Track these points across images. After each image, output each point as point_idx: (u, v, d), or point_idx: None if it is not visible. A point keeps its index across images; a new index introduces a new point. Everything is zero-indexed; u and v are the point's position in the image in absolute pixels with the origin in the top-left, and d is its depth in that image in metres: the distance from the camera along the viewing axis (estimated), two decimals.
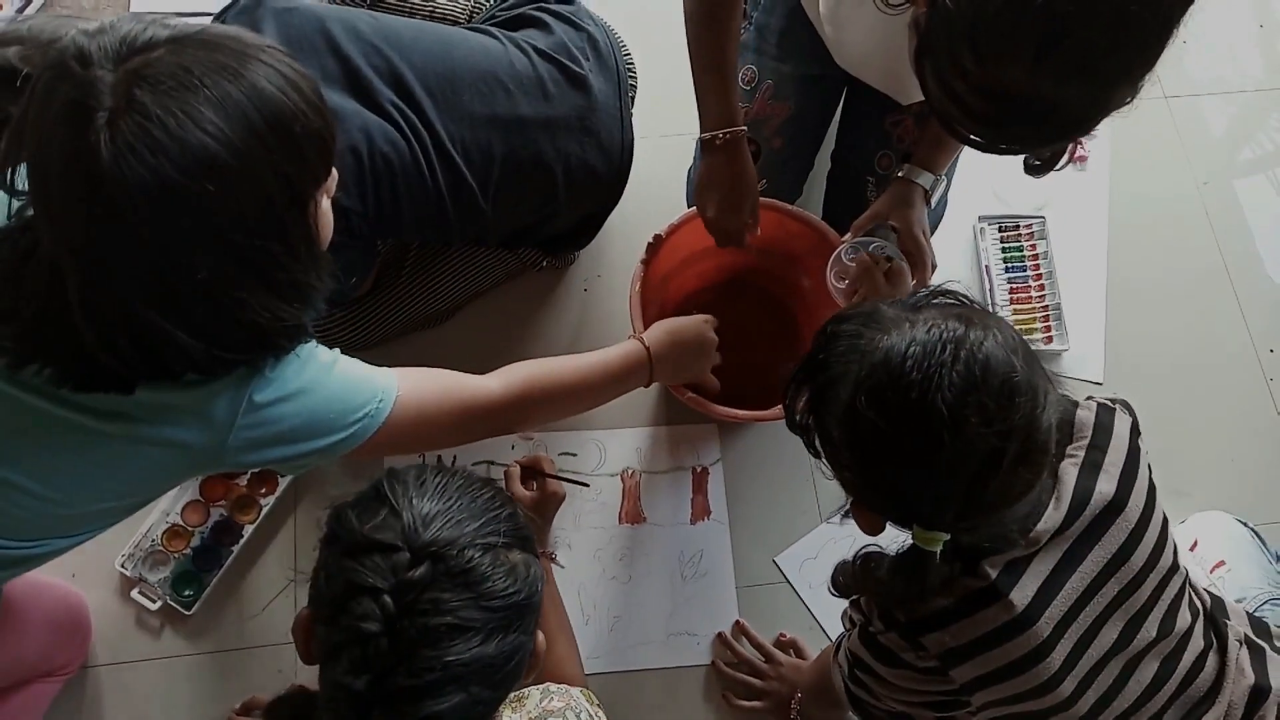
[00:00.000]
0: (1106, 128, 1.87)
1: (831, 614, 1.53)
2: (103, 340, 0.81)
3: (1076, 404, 1.02)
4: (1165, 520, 1.00)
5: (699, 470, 1.61)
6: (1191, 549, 1.53)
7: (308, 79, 0.83)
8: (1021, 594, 0.92)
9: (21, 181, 0.80)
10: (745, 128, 1.36)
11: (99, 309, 0.80)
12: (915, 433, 0.82)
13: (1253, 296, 1.79)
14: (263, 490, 1.52)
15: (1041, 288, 1.74)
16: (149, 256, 0.77)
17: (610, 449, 1.61)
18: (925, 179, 1.44)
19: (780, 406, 1.40)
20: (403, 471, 0.89)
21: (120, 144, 0.73)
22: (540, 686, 1.13)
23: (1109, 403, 1.03)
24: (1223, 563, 1.49)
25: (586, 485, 1.54)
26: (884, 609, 0.99)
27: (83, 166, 0.73)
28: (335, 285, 0.92)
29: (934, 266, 1.44)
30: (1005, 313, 1.72)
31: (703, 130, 1.37)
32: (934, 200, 1.47)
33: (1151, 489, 0.99)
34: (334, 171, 0.89)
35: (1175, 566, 1.01)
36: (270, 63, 0.80)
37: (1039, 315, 1.72)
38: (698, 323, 1.36)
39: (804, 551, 1.57)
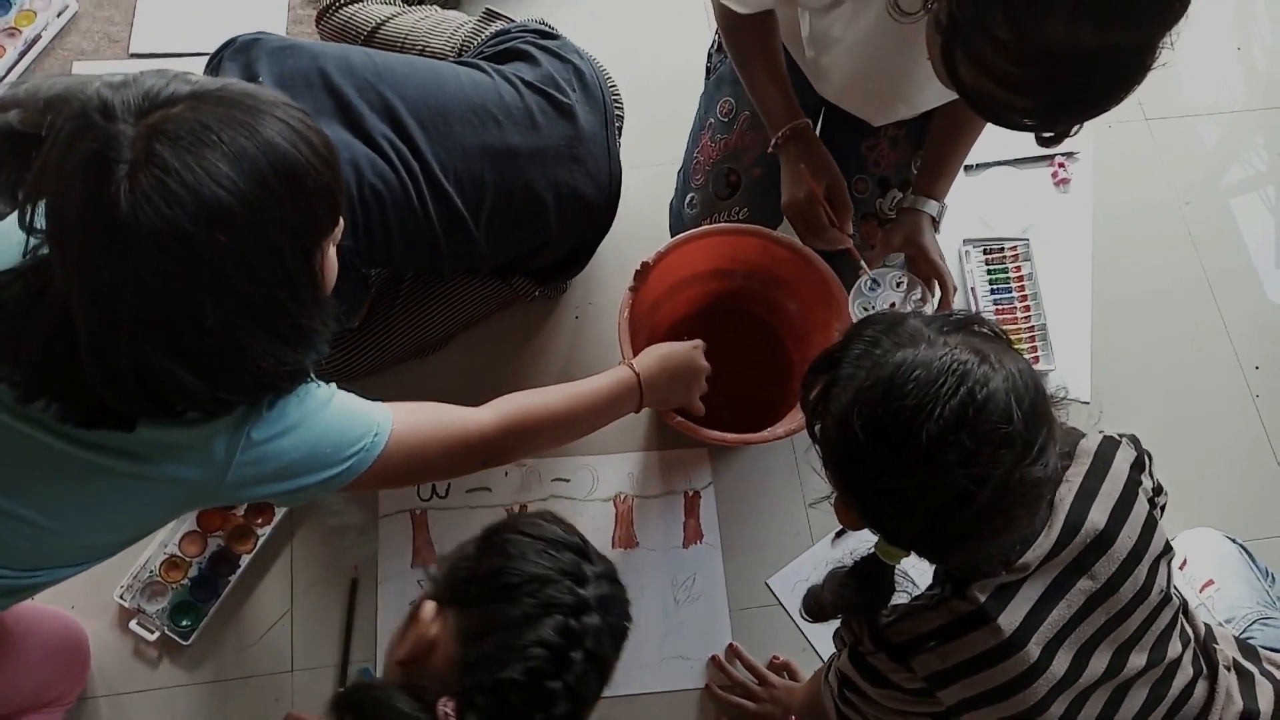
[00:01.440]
0: (1089, 149, 1.91)
1: (824, 636, 1.54)
2: (108, 380, 0.83)
3: (1084, 434, 1.03)
4: (1163, 554, 1.00)
5: (691, 494, 1.62)
6: (1181, 567, 1.54)
7: (320, 134, 0.87)
8: (1009, 619, 0.93)
9: (39, 221, 0.83)
10: (806, 120, 1.40)
11: (107, 349, 0.82)
12: (891, 454, 0.84)
13: (1237, 314, 1.81)
14: (259, 520, 1.53)
15: (1027, 309, 1.76)
16: (159, 302, 0.80)
17: (603, 474, 1.62)
18: (932, 207, 1.49)
19: (768, 430, 1.44)
20: (542, 513, 1.04)
21: (139, 195, 0.76)
22: None
23: (1115, 436, 1.04)
24: (1211, 581, 1.50)
25: None
26: (874, 630, 1.00)
27: (102, 215, 0.76)
28: (339, 328, 0.95)
29: (955, 288, 1.47)
30: None
31: (771, 136, 1.42)
32: (940, 222, 1.51)
33: (1149, 524, 0.99)
34: (341, 221, 0.92)
35: (1167, 599, 1.01)
36: (284, 118, 0.83)
37: (1025, 336, 1.74)
38: (687, 349, 1.38)
39: (796, 574, 1.58)
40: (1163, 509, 1.07)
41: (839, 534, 1.59)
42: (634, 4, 2.00)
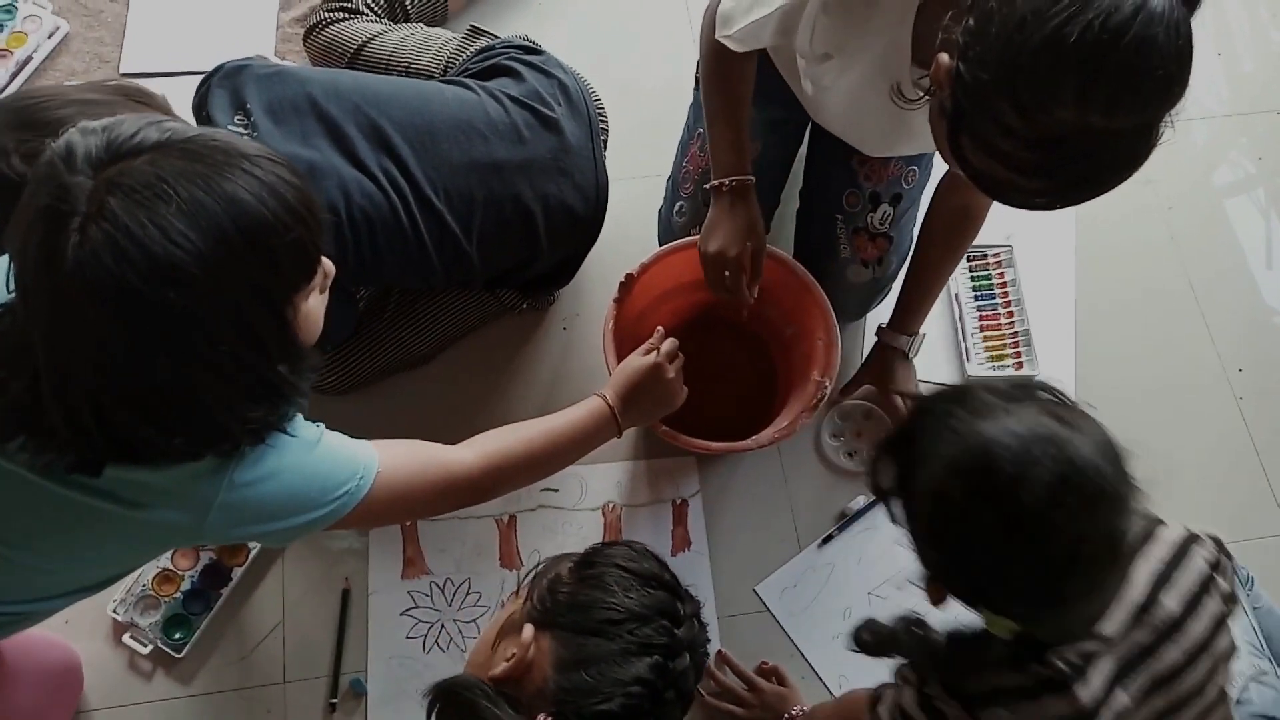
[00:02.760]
0: None
1: (812, 643, 1.55)
2: (72, 427, 0.83)
3: (1161, 522, 1.03)
4: (1227, 654, 1.01)
5: (679, 502, 1.64)
6: None
7: (296, 188, 0.85)
8: (1088, 691, 0.93)
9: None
10: (752, 178, 1.41)
11: (67, 398, 0.82)
12: (1000, 524, 0.85)
13: (1220, 317, 1.82)
14: None
15: (1010, 315, 1.77)
16: (110, 356, 0.79)
17: (591, 484, 1.64)
18: (903, 342, 1.57)
19: (752, 438, 1.45)
20: (635, 545, 1.09)
21: (86, 249, 0.75)
22: None
23: (1200, 534, 1.04)
24: None
25: None
26: (950, 679, 0.99)
27: (53, 267, 0.76)
28: (316, 379, 0.95)
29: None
30: (975, 340, 1.76)
31: (714, 177, 1.43)
32: (914, 352, 1.60)
33: (1219, 622, 0.99)
34: (322, 271, 0.91)
35: (1223, 697, 1.02)
36: (254, 172, 0.81)
37: (1009, 341, 1.75)
38: (648, 365, 1.34)
39: (784, 580, 1.59)
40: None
41: (825, 539, 1.62)
42: (616, 19, 2.02)
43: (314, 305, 0.92)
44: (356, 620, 1.53)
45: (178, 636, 1.48)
